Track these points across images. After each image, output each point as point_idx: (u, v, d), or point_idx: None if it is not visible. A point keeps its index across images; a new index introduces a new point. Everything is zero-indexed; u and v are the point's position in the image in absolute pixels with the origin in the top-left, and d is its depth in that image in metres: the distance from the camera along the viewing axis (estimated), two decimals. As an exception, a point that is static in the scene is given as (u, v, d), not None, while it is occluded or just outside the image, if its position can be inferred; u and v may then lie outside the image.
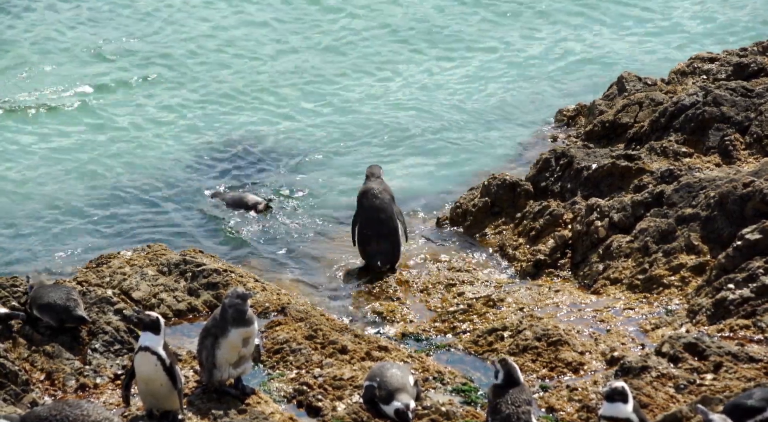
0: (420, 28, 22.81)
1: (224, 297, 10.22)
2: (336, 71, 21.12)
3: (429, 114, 19.56)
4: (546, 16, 23.30)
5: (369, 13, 23.15)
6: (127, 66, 21.44)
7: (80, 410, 9.21)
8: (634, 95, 16.07)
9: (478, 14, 23.33)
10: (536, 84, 20.47)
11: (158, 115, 19.66)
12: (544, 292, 12.89)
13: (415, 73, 21.19)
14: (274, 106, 19.91)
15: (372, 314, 12.77)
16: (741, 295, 11.67)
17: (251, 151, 18.34)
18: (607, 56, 21.61)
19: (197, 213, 16.51)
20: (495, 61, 21.57)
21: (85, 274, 12.27)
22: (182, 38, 22.25)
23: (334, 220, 15.89)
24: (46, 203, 17.01)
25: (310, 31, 22.60)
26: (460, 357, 11.78)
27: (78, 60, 21.62)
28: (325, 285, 13.90)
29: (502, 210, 14.66)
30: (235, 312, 10.02)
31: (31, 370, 10.84)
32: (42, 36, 22.24)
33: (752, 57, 16.30)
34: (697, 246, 12.68)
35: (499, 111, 19.62)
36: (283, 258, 14.87)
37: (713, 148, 14.66)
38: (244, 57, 21.69)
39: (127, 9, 23.45)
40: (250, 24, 22.84)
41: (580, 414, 10.61)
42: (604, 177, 14.40)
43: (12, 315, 11.14)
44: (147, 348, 9.73)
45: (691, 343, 10.71)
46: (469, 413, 10.57)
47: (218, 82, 20.68)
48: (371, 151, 18.30)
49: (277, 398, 10.65)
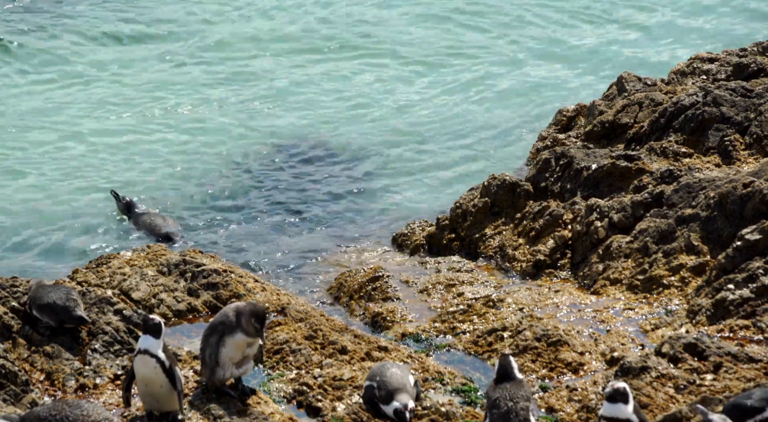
0: (421, 33, 22.85)
1: (246, 305, 10.08)
2: (338, 76, 21.15)
3: (428, 114, 19.58)
4: (546, 16, 23.31)
5: (371, 27, 23.16)
6: (137, 65, 21.47)
7: (80, 410, 9.21)
8: (633, 95, 16.07)
9: (478, 16, 23.35)
10: (536, 84, 20.48)
11: (159, 115, 19.67)
12: (544, 293, 12.89)
13: (414, 73, 21.21)
14: (275, 109, 19.91)
15: (372, 314, 12.77)
16: (741, 296, 11.66)
17: (254, 151, 18.35)
18: (608, 56, 21.62)
19: (197, 214, 16.52)
20: (495, 61, 21.58)
21: (85, 275, 12.26)
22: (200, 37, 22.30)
23: (335, 221, 15.90)
24: (46, 203, 17.02)
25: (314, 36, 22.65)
26: (460, 358, 11.78)
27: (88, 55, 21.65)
28: (325, 286, 13.90)
29: (501, 210, 14.66)
30: (251, 327, 9.98)
31: (31, 370, 10.83)
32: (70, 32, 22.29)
33: (752, 57, 16.29)
34: (696, 247, 12.68)
35: (499, 111, 19.63)
36: (284, 259, 14.87)
37: (713, 149, 14.66)
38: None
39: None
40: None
41: (580, 415, 10.61)
42: (603, 177, 14.39)
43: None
44: (146, 351, 9.74)
45: (691, 344, 10.71)
46: (469, 413, 10.57)
47: (212, 89, 20.69)
48: (374, 153, 18.32)
49: (277, 398, 10.65)
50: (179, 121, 19.47)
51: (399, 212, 16.64)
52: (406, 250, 14.95)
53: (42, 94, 20.36)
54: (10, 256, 15.61)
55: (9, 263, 15.37)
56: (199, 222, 16.31)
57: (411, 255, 14.75)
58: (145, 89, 20.52)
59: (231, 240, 15.65)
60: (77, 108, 19.89)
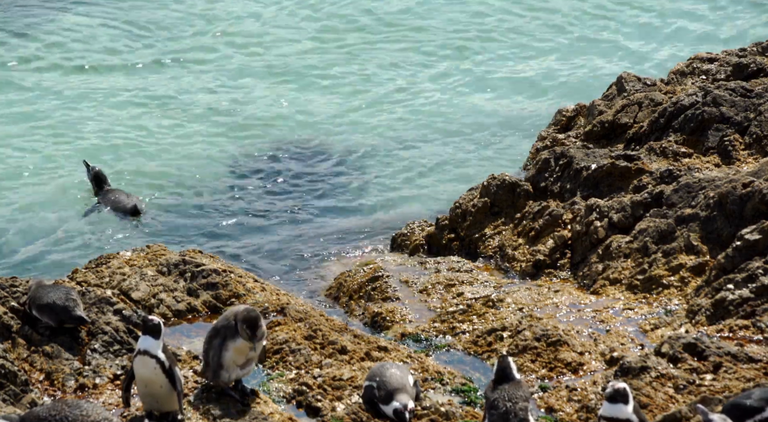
0: (423, 34, 22.86)
1: (242, 310, 10.07)
2: (338, 77, 21.16)
3: (427, 115, 19.58)
4: (547, 16, 23.31)
5: (376, 23, 23.18)
6: (138, 64, 21.47)
7: (79, 410, 9.21)
8: (633, 95, 16.06)
9: (477, 16, 23.36)
10: (536, 84, 20.49)
11: (158, 116, 19.66)
12: (544, 293, 12.88)
13: (414, 73, 21.21)
14: (275, 109, 19.91)
15: (371, 314, 12.76)
16: (740, 295, 11.66)
17: (253, 151, 18.35)
18: (607, 56, 21.62)
19: (196, 214, 16.52)
20: (494, 61, 21.59)
21: (85, 275, 12.26)
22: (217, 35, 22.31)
23: (334, 221, 15.90)
24: (46, 203, 17.02)
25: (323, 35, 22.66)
26: (460, 358, 11.78)
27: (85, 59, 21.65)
28: (324, 286, 13.90)
29: (501, 210, 14.66)
30: (245, 333, 9.98)
31: (31, 370, 10.83)
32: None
33: (751, 57, 16.29)
34: (696, 247, 12.67)
35: (498, 111, 19.64)
36: (283, 258, 14.87)
37: (712, 149, 14.66)
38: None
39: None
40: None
41: (580, 415, 10.61)
42: (603, 177, 14.39)
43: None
44: (146, 351, 9.75)
45: (691, 344, 10.71)
46: (469, 413, 10.57)
47: (207, 95, 20.70)
48: (374, 153, 18.32)
49: (277, 398, 10.65)
50: (179, 122, 19.47)
51: (399, 212, 16.65)
52: (405, 250, 14.94)
53: (40, 94, 20.35)
54: (9, 256, 15.61)
55: (9, 263, 15.38)
56: (198, 223, 16.31)
57: (410, 255, 14.75)
58: (141, 90, 20.52)
59: (231, 240, 15.65)
60: (76, 108, 19.88)
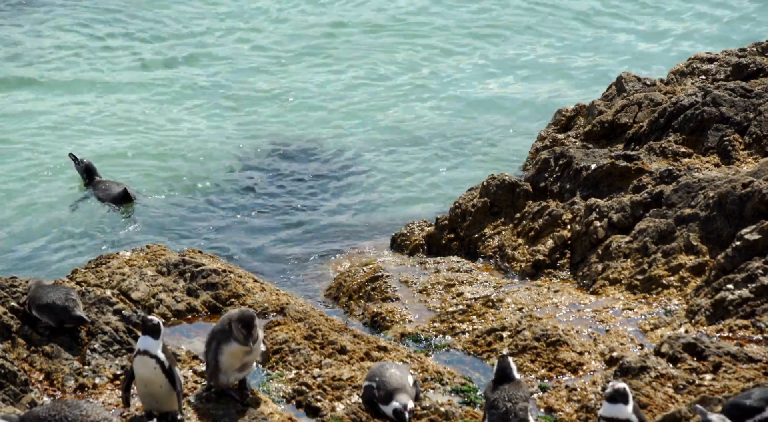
0: (422, 31, 22.86)
1: (236, 312, 10.07)
2: (338, 77, 21.16)
3: (427, 114, 19.58)
4: (546, 15, 23.32)
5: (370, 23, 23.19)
6: (135, 64, 21.47)
7: (79, 410, 9.21)
8: (633, 95, 16.07)
9: (478, 18, 23.36)
10: (536, 83, 20.49)
11: (156, 116, 19.67)
12: (543, 293, 12.88)
13: (414, 73, 21.22)
14: (274, 110, 19.92)
15: (371, 314, 12.76)
16: (740, 295, 11.66)
17: (253, 152, 18.36)
18: (607, 56, 21.62)
19: (196, 214, 16.52)
20: (494, 61, 21.59)
21: (84, 275, 12.26)
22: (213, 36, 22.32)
23: (334, 221, 15.90)
24: (45, 203, 17.02)
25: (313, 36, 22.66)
26: (460, 358, 11.78)
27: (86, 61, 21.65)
28: (324, 286, 13.90)
29: (501, 210, 14.66)
30: (240, 334, 9.97)
31: (30, 370, 10.83)
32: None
33: (751, 57, 16.29)
34: (696, 247, 12.68)
35: (498, 111, 19.64)
36: (283, 258, 14.87)
37: (712, 149, 14.66)
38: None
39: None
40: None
41: (579, 415, 10.61)
42: (603, 177, 14.39)
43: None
44: (146, 351, 9.75)
45: (691, 344, 10.71)
46: (468, 413, 10.57)
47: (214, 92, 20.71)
48: (374, 153, 18.32)
49: (276, 398, 10.65)
50: (178, 122, 19.47)
51: (398, 212, 16.65)
52: (405, 250, 14.94)
53: (39, 93, 20.35)
54: (9, 256, 15.61)
55: (8, 263, 15.37)
56: (198, 223, 16.31)
57: (410, 255, 14.75)
58: (140, 90, 20.52)
59: (231, 240, 15.65)
60: (74, 107, 19.89)
